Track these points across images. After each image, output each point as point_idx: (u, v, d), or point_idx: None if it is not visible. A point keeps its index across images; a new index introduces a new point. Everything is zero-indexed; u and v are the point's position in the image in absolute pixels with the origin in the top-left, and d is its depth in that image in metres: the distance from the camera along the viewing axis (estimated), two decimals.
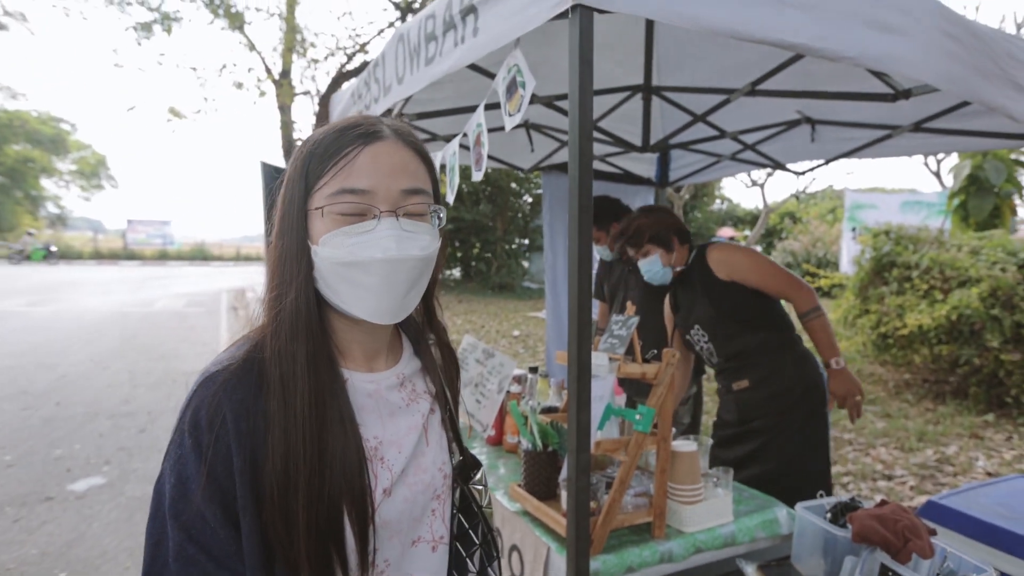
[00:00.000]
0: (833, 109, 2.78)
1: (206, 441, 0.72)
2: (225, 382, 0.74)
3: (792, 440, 2.25)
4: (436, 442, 0.91)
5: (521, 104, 1.48)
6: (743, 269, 2.32)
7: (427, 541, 0.88)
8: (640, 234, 2.45)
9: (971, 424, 5.17)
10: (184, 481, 0.71)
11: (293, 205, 0.80)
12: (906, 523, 1.28)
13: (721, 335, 2.37)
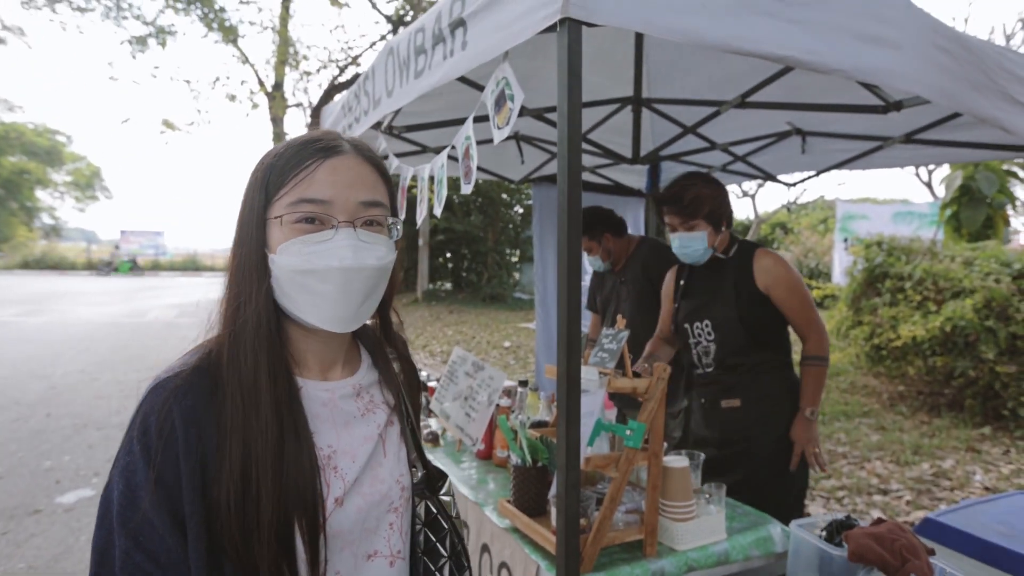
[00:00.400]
0: (823, 121, 2.78)
1: (155, 447, 0.72)
2: (176, 389, 0.75)
3: (770, 445, 2.17)
4: (394, 454, 0.91)
5: (510, 117, 1.47)
6: (784, 287, 2.16)
7: (384, 556, 0.87)
8: (698, 205, 2.17)
9: (967, 437, 5.15)
10: (132, 488, 0.71)
11: (252, 214, 0.81)
12: (904, 542, 1.25)
13: (730, 342, 2.22)
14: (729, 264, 2.24)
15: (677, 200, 2.19)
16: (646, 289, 2.98)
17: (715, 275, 2.27)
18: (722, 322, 2.22)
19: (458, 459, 2.24)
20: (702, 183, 2.22)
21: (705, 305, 2.27)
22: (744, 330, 2.19)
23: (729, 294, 2.21)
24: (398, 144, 3.17)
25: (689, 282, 2.38)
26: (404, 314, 1.11)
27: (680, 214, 2.20)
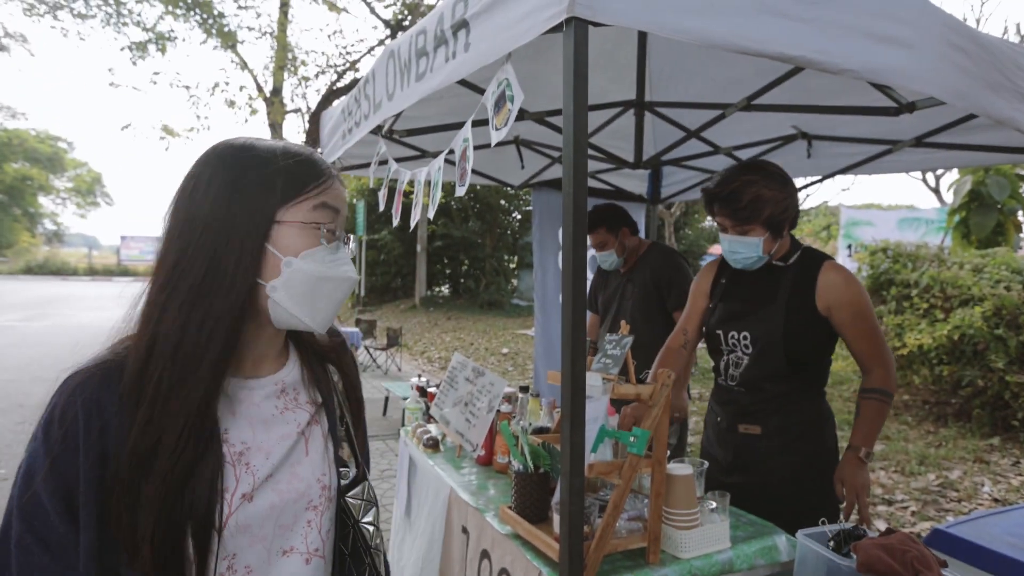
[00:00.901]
0: (831, 124, 2.76)
1: (55, 436, 0.74)
2: (83, 382, 0.77)
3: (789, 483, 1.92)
4: (317, 453, 0.92)
5: (508, 118, 1.45)
6: (851, 310, 1.86)
7: (300, 552, 0.88)
8: (758, 208, 1.84)
9: (975, 448, 5.09)
10: (31, 474, 0.73)
11: (254, 211, 0.82)
12: (915, 554, 1.22)
13: (766, 362, 1.93)
14: (786, 274, 1.94)
15: (732, 200, 1.87)
16: (652, 295, 2.96)
17: (766, 283, 1.97)
18: (763, 339, 1.93)
19: (458, 465, 2.21)
20: (764, 180, 1.86)
21: (747, 315, 1.98)
22: (785, 353, 1.90)
23: (778, 309, 1.91)
24: (398, 149, 3.16)
25: (732, 283, 2.08)
26: (402, 320, 1.13)
27: (734, 217, 1.88)
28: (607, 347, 1.64)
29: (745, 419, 1.96)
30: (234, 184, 0.82)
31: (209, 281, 0.79)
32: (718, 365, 2.09)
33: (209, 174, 0.82)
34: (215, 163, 0.83)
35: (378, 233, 19.56)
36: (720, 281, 2.12)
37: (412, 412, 2.77)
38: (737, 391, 2.01)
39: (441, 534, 2.02)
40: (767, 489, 1.91)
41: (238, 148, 0.85)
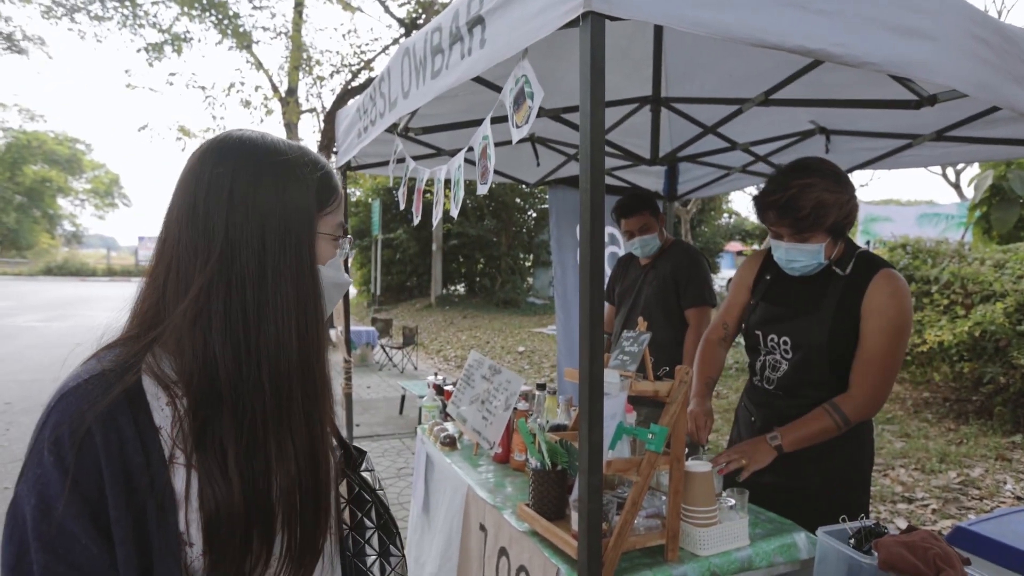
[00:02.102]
0: (850, 118, 2.72)
1: (69, 456, 0.68)
2: (86, 397, 0.70)
3: (824, 492, 1.85)
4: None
5: (529, 115, 1.45)
6: (880, 320, 1.73)
7: None
8: (822, 215, 1.71)
9: (997, 445, 5.01)
10: (47, 500, 0.68)
11: (309, 222, 0.83)
12: (937, 551, 1.21)
13: (808, 370, 1.84)
14: (839, 280, 1.81)
15: (792, 209, 1.72)
16: (670, 290, 2.94)
17: (815, 285, 1.84)
18: (806, 346, 1.83)
19: (475, 463, 2.22)
20: (822, 182, 1.71)
21: (791, 318, 1.87)
22: (829, 362, 1.80)
23: (825, 315, 1.79)
24: (414, 147, 3.17)
25: (778, 282, 1.95)
26: (418, 319, 1.18)
27: (795, 226, 1.74)
28: (624, 344, 1.64)
29: (782, 423, 1.84)
30: (282, 182, 0.80)
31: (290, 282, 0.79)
32: (754, 364, 2.02)
33: (250, 173, 0.78)
34: (249, 160, 0.79)
35: (393, 232, 19.64)
36: (765, 277, 2.00)
37: (429, 410, 2.78)
38: (774, 394, 1.93)
39: (459, 532, 2.03)
40: (797, 496, 1.84)
41: (268, 146, 0.82)
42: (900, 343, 1.76)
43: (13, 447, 5.40)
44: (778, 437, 1.80)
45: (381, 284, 18.58)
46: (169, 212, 0.80)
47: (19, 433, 5.82)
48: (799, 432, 1.79)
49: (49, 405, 0.71)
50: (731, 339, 2.13)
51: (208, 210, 0.76)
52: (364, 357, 9.89)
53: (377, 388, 8.28)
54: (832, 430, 1.77)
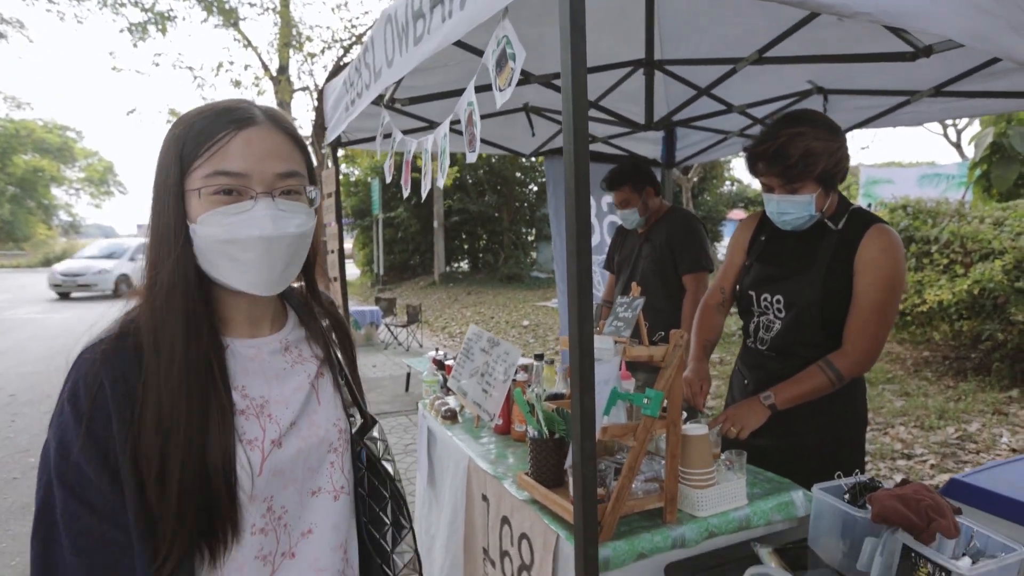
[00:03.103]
0: (847, 76, 2.68)
1: (85, 407, 0.76)
2: (102, 353, 0.79)
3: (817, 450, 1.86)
4: (329, 401, 0.98)
5: (511, 78, 1.42)
6: (874, 275, 1.71)
7: (328, 491, 0.95)
8: (811, 162, 1.69)
9: (994, 400, 5.05)
10: (66, 445, 0.76)
11: (168, 184, 0.83)
12: (929, 502, 1.21)
13: (800, 329, 1.82)
14: (831, 236, 1.79)
15: (781, 157, 1.70)
16: (666, 257, 2.94)
17: (808, 243, 1.83)
18: (798, 304, 1.81)
19: (477, 435, 2.23)
20: (812, 131, 1.70)
21: (783, 277, 1.86)
22: (822, 320, 1.79)
23: (818, 273, 1.78)
24: (405, 122, 3.13)
25: (771, 241, 1.94)
26: (422, 297, 1.20)
27: (784, 175, 1.72)
28: (618, 310, 1.63)
29: (774, 385, 1.84)
30: (160, 157, 0.85)
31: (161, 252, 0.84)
32: (747, 327, 2.00)
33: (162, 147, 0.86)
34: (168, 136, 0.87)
35: (394, 211, 19.54)
36: (759, 238, 1.99)
37: (430, 385, 2.80)
38: (767, 355, 1.92)
39: (463, 503, 2.05)
40: (792, 455, 1.84)
41: (177, 120, 0.88)
42: (893, 298, 1.74)
43: (18, 438, 5.46)
44: (771, 396, 1.81)
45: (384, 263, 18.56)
46: None
47: (24, 424, 5.86)
48: (793, 390, 1.79)
49: (70, 364, 0.80)
50: (729, 304, 2.12)
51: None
52: (369, 336, 9.92)
53: (383, 367, 8.33)
54: (826, 387, 1.76)
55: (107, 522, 0.76)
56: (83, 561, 0.75)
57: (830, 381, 1.75)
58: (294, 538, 0.90)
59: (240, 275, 0.85)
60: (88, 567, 0.75)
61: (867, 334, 1.74)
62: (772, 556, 1.36)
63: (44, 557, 0.76)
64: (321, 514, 0.93)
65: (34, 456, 4.95)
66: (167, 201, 0.83)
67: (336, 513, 0.95)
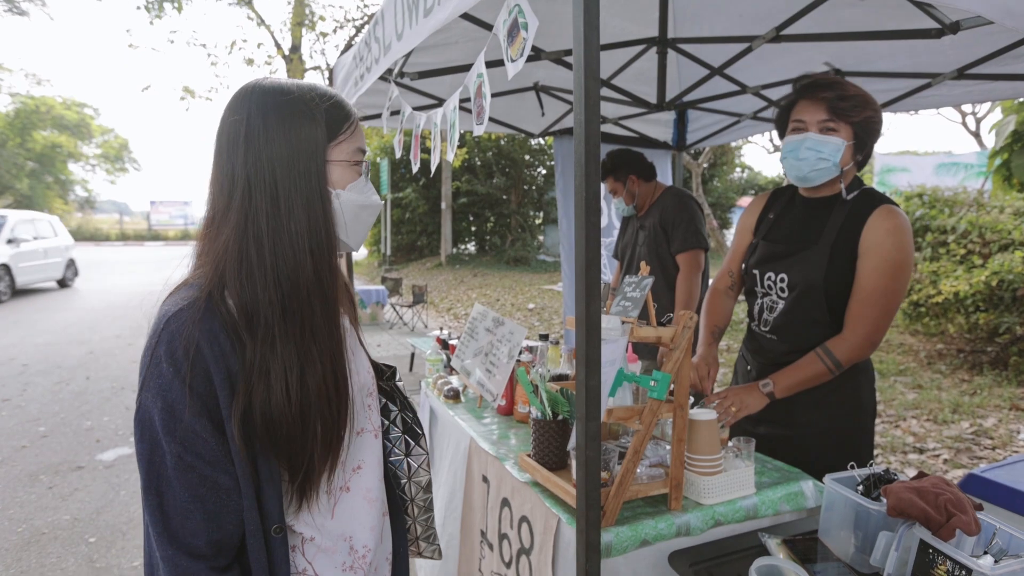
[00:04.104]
0: (866, 58, 2.58)
1: (184, 365, 0.82)
2: (192, 316, 0.85)
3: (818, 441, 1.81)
4: (360, 351, 1.09)
5: (524, 48, 1.36)
6: (878, 258, 1.65)
7: (369, 431, 1.07)
8: (861, 104, 1.66)
9: (1011, 395, 4.96)
10: (170, 403, 0.82)
11: (314, 150, 0.91)
12: (949, 496, 1.16)
13: (803, 310, 1.77)
14: (840, 211, 1.74)
15: (839, 85, 1.67)
16: (660, 238, 2.91)
17: (815, 219, 1.78)
18: (801, 284, 1.76)
19: (480, 415, 2.20)
20: (865, 92, 1.69)
21: (788, 255, 1.81)
22: (826, 301, 1.73)
23: (822, 251, 1.72)
24: (413, 98, 3.07)
25: (779, 219, 1.89)
26: (428, 278, 1.30)
27: (834, 106, 1.65)
28: (626, 289, 1.58)
29: (777, 370, 1.79)
30: (288, 122, 0.90)
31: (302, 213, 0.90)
32: (752, 309, 1.95)
33: (260, 115, 0.89)
34: (256, 104, 0.90)
35: (402, 191, 19.48)
36: (768, 216, 1.94)
37: (433, 364, 2.77)
38: (769, 338, 1.87)
39: (462, 483, 2.02)
40: (797, 443, 1.80)
41: (270, 88, 0.92)
42: (897, 283, 1.66)
43: (29, 407, 5.53)
44: (770, 384, 1.76)
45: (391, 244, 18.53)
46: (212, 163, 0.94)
47: (36, 393, 5.94)
48: (791, 378, 1.75)
49: (156, 328, 0.85)
50: (738, 287, 2.07)
51: (229, 156, 0.90)
52: (374, 316, 9.94)
53: (388, 346, 8.34)
54: (824, 374, 1.72)
55: (218, 470, 0.85)
56: (199, 507, 0.84)
57: (828, 368, 1.71)
58: (348, 474, 1.01)
59: (359, 236, 1.02)
60: (203, 512, 0.84)
61: (867, 320, 1.67)
62: (781, 547, 1.32)
63: (162, 508, 0.84)
64: (367, 451, 1.05)
65: (44, 425, 5.01)
66: (313, 163, 0.91)
67: (376, 449, 1.08)
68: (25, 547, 3.21)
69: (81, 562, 3.09)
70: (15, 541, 3.27)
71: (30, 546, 3.22)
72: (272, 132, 0.89)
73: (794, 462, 1.72)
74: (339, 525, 1.00)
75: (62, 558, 3.13)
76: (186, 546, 0.84)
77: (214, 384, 0.84)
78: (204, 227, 0.93)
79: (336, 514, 0.99)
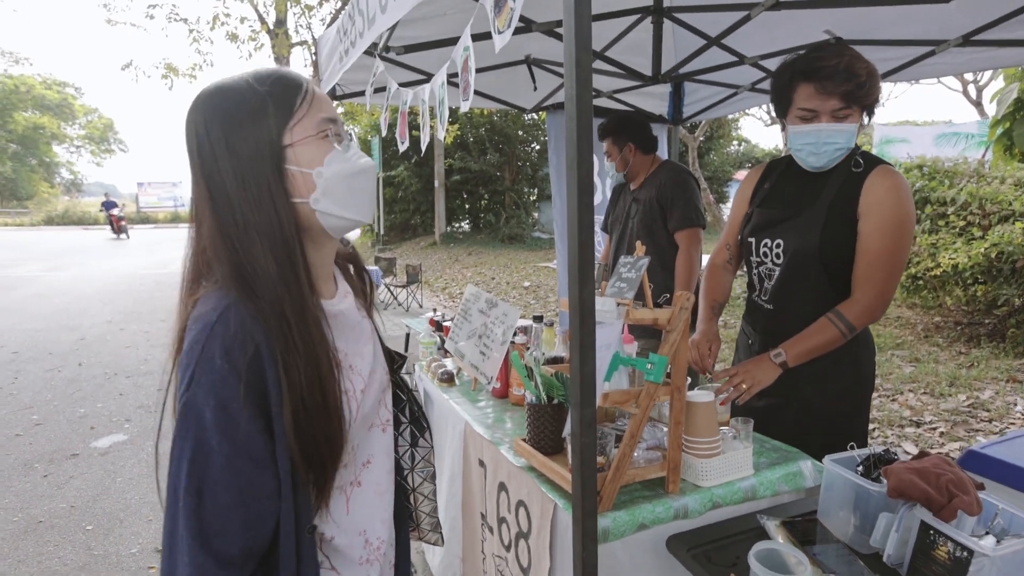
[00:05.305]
0: (869, 26, 2.51)
1: (241, 363, 0.80)
2: (243, 317, 0.83)
3: (824, 411, 1.80)
4: (377, 345, 1.07)
5: (511, 18, 1.29)
6: (880, 218, 1.63)
7: (378, 425, 1.05)
8: (875, 83, 1.61)
9: (1008, 367, 4.96)
10: (225, 401, 0.79)
11: (263, 145, 0.86)
12: (950, 477, 1.14)
13: (799, 276, 1.75)
14: (838, 171, 1.72)
15: (851, 75, 1.58)
16: (656, 213, 2.84)
17: (811, 185, 1.76)
18: (796, 249, 1.74)
19: (474, 398, 2.17)
20: (861, 58, 1.61)
21: (784, 220, 1.78)
22: (822, 266, 1.71)
23: (818, 215, 1.70)
24: (401, 74, 2.99)
25: (776, 187, 1.87)
26: (422, 257, 1.23)
27: (850, 95, 1.59)
28: (622, 270, 1.54)
29: (776, 343, 1.75)
30: (228, 129, 0.86)
31: (261, 217, 0.86)
32: (751, 279, 1.93)
33: (204, 126, 0.87)
34: (202, 113, 0.88)
35: (394, 170, 19.28)
36: (763, 186, 1.91)
37: (427, 346, 2.73)
38: (767, 310, 1.85)
39: (460, 467, 2.00)
40: (797, 416, 1.79)
41: (214, 92, 0.89)
42: (902, 241, 1.64)
43: (21, 395, 5.49)
44: (782, 354, 1.71)
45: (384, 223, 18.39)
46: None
47: (27, 381, 5.89)
48: (803, 344, 1.70)
49: (206, 324, 0.81)
50: (736, 261, 2.04)
51: (193, 171, 0.88)
52: None
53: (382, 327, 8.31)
54: (838, 339, 1.68)
55: (266, 472, 0.83)
56: (240, 511, 0.81)
57: (841, 332, 1.67)
58: (359, 469, 1.00)
59: (361, 205, 0.94)
60: (244, 516, 0.81)
61: (877, 281, 1.65)
62: (780, 529, 1.30)
63: (200, 511, 0.79)
64: (376, 446, 1.03)
65: (37, 413, 4.98)
66: (261, 161, 0.86)
67: (387, 442, 1.06)
68: (22, 536, 3.20)
69: (79, 550, 3.08)
70: (11, 530, 3.26)
71: (27, 535, 3.21)
72: (216, 146, 0.86)
73: (794, 435, 1.70)
74: (354, 521, 1.00)
75: (60, 546, 3.11)
76: (218, 552, 0.80)
77: (267, 382, 0.82)
78: (199, 242, 0.91)
79: (351, 509, 0.99)
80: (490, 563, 1.80)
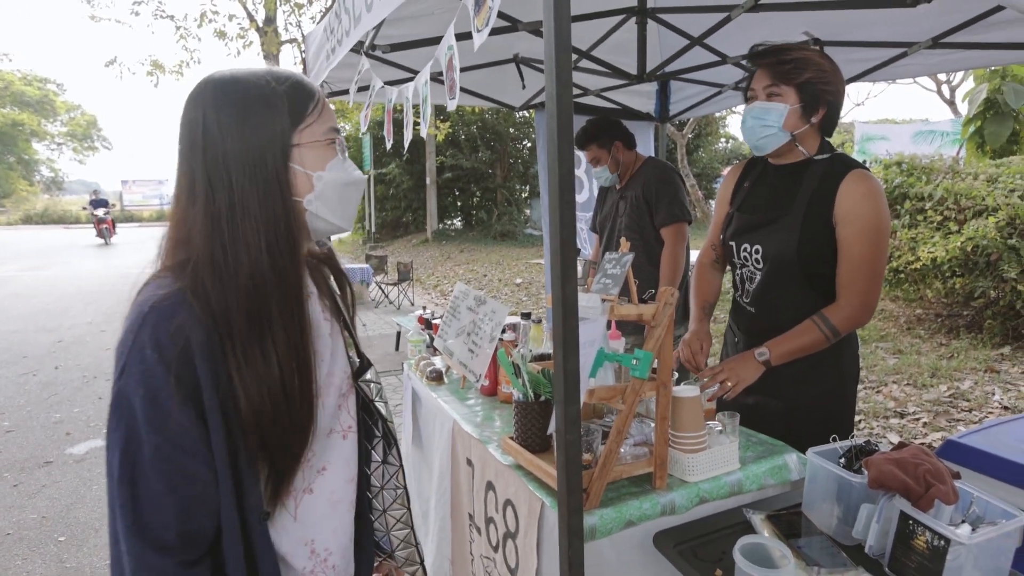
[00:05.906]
0: (845, 27, 2.56)
1: (170, 353, 0.80)
2: (175, 307, 0.83)
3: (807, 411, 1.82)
4: (340, 350, 1.05)
5: (489, 18, 1.30)
6: (858, 226, 1.65)
7: (338, 432, 1.03)
8: (800, 67, 1.67)
9: (986, 358, 5.06)
10: (154, 391, 0.80)
11: (275, 139, 0.88)
12: (928, 467, 1.17)
13: (779, 280, 1.78)
14: (811, 177, 1.73)
15: (778, 51, 1.70)
16: (642, 210, 2.87)
17: (786, 187, 1.78)
18: (775, 253, 1.76)
19: (463, 396, 2.18)
20: (817, 54, 1.70)
21: (761, 226, 1.81)
22: (801, 268, 1.74)
23: (795, 220, 1.72)
24: (388, 72, 2.98)
25: (755, 188, 1.89)
26: (414, 255, 1.27)
27: (772, 75, 1.69)
28: (606, 266, 1.55)
29: (758, 342, 1.78)
30: (242, 117, 0.87)
31: (262, 206, 0.87)
32: (735, 279, 1.96)
33: (214, 109, 0.87)
34: (212, 97, 0.88)
35: (386, 167, 19.18)
36: (743, 185, 1.94)
37: (415, 344, 2.73)
38: (750, 312, 1.88)
39: (448, 466, 2.01)
40: (785, 413, 1.81)
41: (228, 80, 0.89)
42: (881, 246, 1.68)
43: None
44: (766, 352, 1.74)
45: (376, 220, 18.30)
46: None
47: (1, 384, 5.77)
48: (787, 345, 1.73)
49: (140, 312, 0.82)
50: (723, 260, 2.07)
51: (189, 158, 0.88)
52: (359, 295, 9.85)
53: (373, 325, 8.28)
54: (821, 342, 1.72)
55: (196, 460, 0.83)
56: (173, 499, 0.82)
57: (825, 336, 1.71)
58: (311, 476, 0.98)
59: (345, 214, 0.98)
60: (177, 503, 0.82)
61: (859, 287, 1.69)
62: (765, 523, 1.32)
63: (134, 500, 0.81)
64: (334, 453, 1.01)
65: (8, 420, 4.87)
66: (273, 153, 0.88)
67: (347, 450, 1.03)
68: None
69: (50, 562, 2.97)
70: None
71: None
72: (226, 129, 0.86)
73: (783, 431, 1.73)
74: (301, 528, 0.97)
75: (28, 560, 2.99)
76: (155, 540, 0.81)
77: (198, 373, 0.82)
78: (174, 224, 0.90)
79: (299, 516, 0.97)
80: (479, 565, 1.80)
